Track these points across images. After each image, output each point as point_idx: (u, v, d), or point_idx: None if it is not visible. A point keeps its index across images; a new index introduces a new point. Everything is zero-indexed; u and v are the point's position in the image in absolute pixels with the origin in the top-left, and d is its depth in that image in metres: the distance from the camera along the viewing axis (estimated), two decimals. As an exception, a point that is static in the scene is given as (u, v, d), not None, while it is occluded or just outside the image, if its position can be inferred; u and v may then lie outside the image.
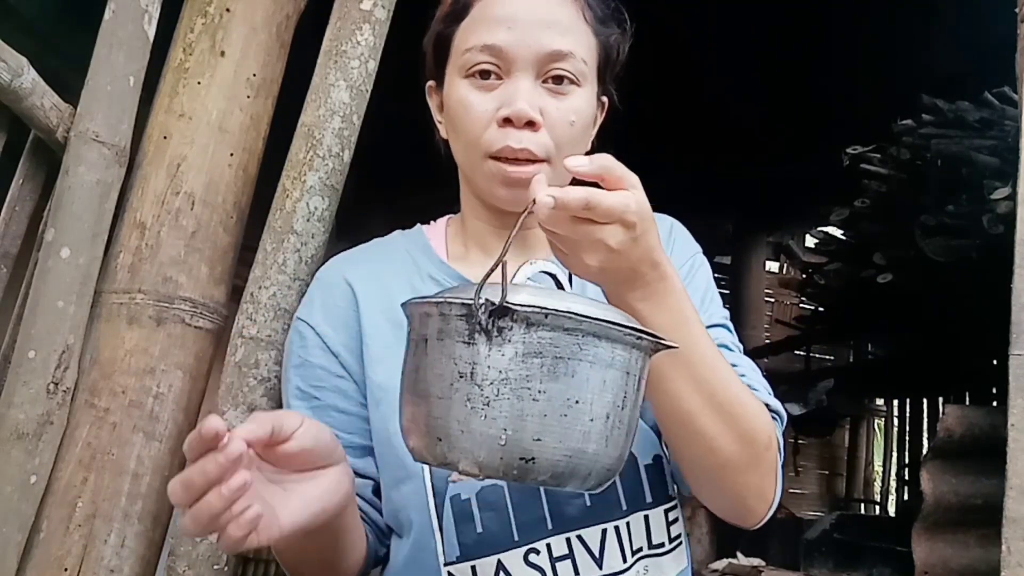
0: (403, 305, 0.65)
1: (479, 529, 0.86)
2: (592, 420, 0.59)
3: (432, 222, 1.05)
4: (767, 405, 0.84)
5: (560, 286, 0.71)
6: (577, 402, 0.59)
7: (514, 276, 0.67)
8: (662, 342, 0.62)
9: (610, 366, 0.60)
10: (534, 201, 0.63)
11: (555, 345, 0.59)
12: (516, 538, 0.86)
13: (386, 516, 0.93)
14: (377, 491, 0.94)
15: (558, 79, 0.86)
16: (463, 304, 0.59)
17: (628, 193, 0.66)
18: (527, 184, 0.84)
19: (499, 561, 0.86)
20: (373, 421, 0.91)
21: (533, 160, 0.85)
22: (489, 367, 0.59)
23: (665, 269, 0.72)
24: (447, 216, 1.05)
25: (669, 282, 0.72)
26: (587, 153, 0.94)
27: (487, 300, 0.59)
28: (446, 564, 0.86)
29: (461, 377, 0.59)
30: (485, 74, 0.86)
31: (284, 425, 0.70)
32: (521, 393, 0.59)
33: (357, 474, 0.91)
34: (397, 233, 1.04)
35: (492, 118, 0.85)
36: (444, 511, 0.86)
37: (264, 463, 0.71)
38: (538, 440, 0.59)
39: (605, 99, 0.96)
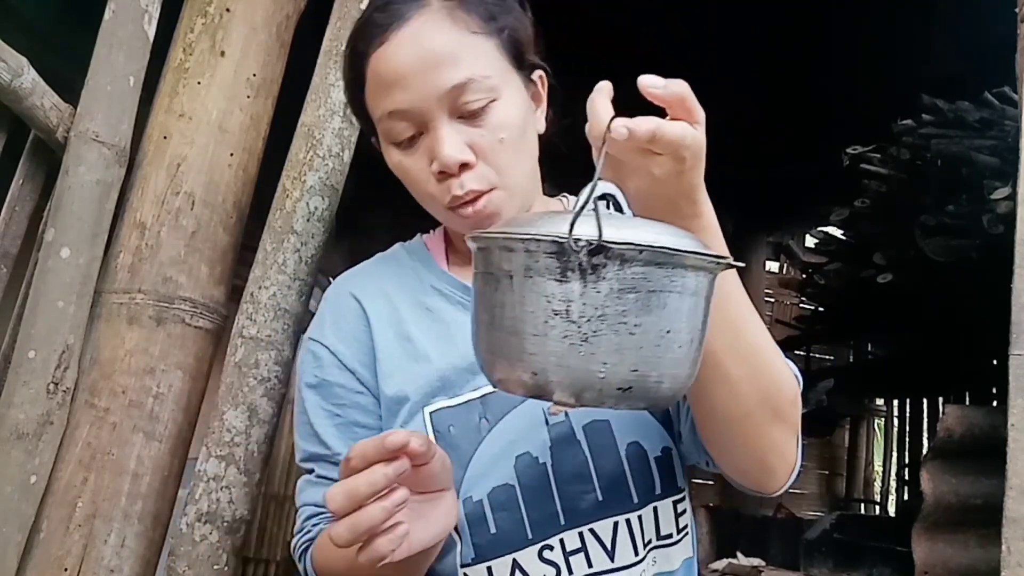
0: (473, 238, 0.64)
1: (493, 530, 0.86)
2: (681, 347, 0.62)
3: (432, 231, 1.04)
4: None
5: (619, 209, 0.70)
6: (669, 332, 0.61)
7: (581, 204, 0.67)
8: (732, 263, 0.63)
9: (694, 294, 0.62)
10: (608, 131, 0.62)
11: (648, 279, 0.60)
12: (530, 536, 0.86)
13: None
14: None
15: (473, 112, 0.84)
16: (554, 242, 0.60)
17: (687, 126, 0.65)
18: (488, 217, 0.85)
19: (514, 560, 0.86)
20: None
21: (481, 194, 0.85)
22: (585, 304, 0.60)
23: (701, 207, 0.71)
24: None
25: (703, 220, 0.72)
26: (540, 136, 0.93)
27: (586, 240, 0.59)
28: (462, 566, 0.87)
29: (556, 315, 0.60)
30: (410, 138, 0.86)
31: (431, 445, 0.71)
32: (618, 328, 0.60)
33: None
34: (398, 246, 1.03)
35: (430, 174, 0.85)
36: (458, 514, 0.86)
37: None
38: (635, 371, 0.61)
39: (539, 75, 0.93)
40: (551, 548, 0.86)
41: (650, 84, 0.64)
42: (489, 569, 0.86)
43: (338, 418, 0.93)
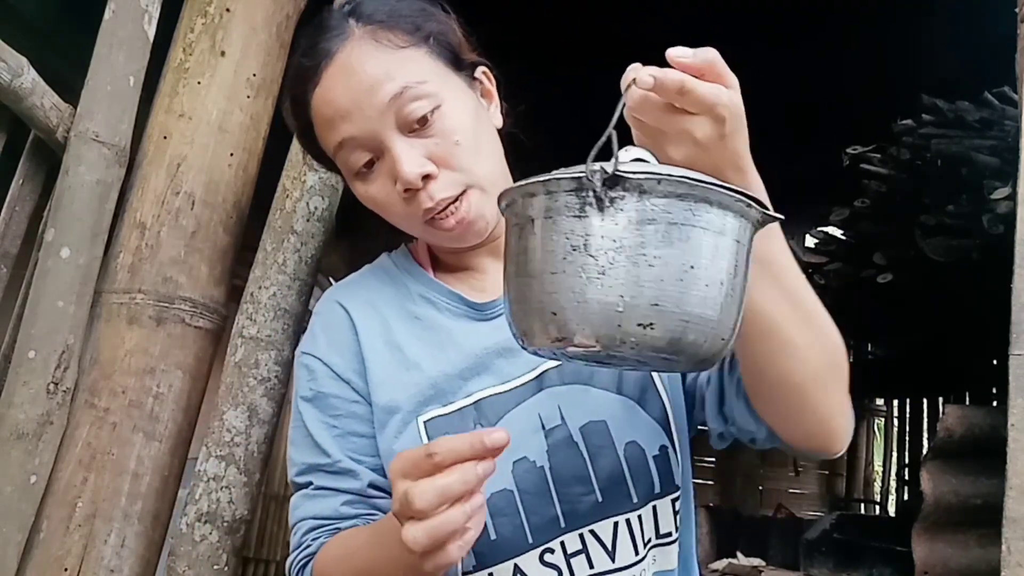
0: (502, 194, 0.64)
1: (493, 536, 0.86)
2: (708, 286, 0.60)
3: (416, 240, 1.03)
4: None
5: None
6: (692, 267, 0.59)
7: (603, 141, 0.67)
8: (768, 212, 0.62)
9: (721, 233, 0.60)
10: (633, 82, 0.62)
11: (668, 211, 0.59)
12: (531, 540, 0.86)
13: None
14: None
15: (420, 120, 0.84)
16: (572, 179, 0.59)
17: (720, 87, 0.65)
18: (467, 224, 0.86)
19: (515, 565, 0.86)
20: (381, 441, 0.91)
21: (455, 199, 0.85)
22: (603, 237, 0.59)
23: (750, 177, 0.71)
24: None
25: (754, 189, 0.71)
26: (500, 131, 0.93)
27: (601, 168, 0.58)
28: (464, 574, 0.86)
29: (574, 250, 0.59)
30: (367, 164, 0.87)
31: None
32: (637, 259, 0.59)
33: (387, 492, 0.91)
34: (384, 256, 1.03)
35: (398, 196, 0.86)
36: None
37: None
38: (655, 305, 0.59)
39: (482, 71, 0.94)
40: (552, 551, 0.86)
41: (678, 55, 0.63)
42: (491, 575, 0.86)
43: (335, 429, 0.93)
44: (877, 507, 6.58)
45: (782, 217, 0.64)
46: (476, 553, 0.86)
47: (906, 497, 5.59)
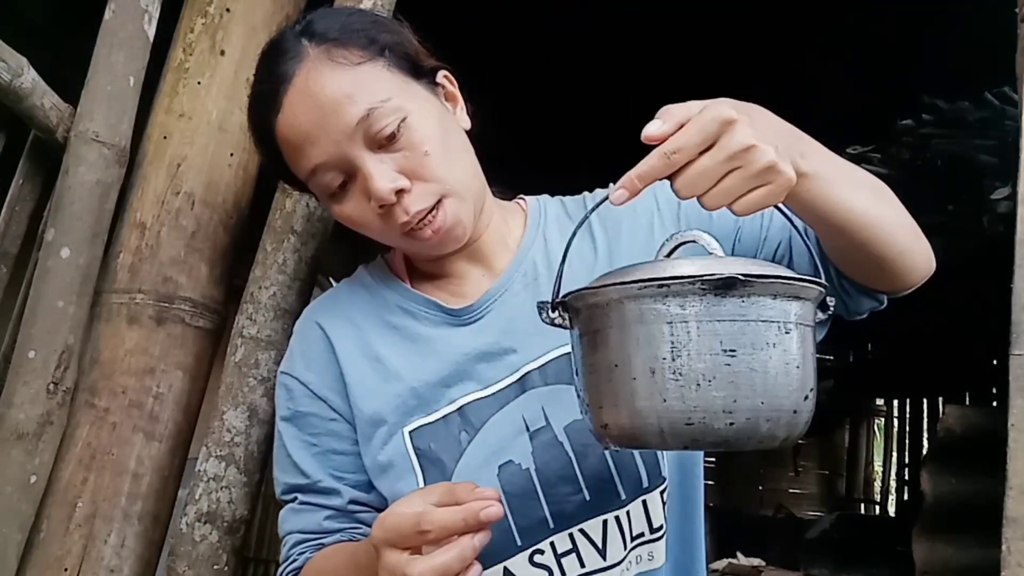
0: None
1: None
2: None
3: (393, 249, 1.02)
4: None
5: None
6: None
7: (661, 253, 0.69)
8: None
9: (640, 322, 0.61)
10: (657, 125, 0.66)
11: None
12: (519, 543, 0.86)
13: None
14: None
15: (388, 137, 0.83)
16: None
17: (695, 112, 0.66)
18: (447, 232, 0.86)
19: (505, 568, 0.86)
20: (367, 453, 0.92)
21: (431, 210, 0.85)
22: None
23: (793, 128, 0.76)
24: None
25: (798, 131, 0.77)
26: (468, 132, 0.93)
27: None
28: None
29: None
30: (341, 186, 0.86)
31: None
32: (585, 370, 0.63)
33: (370, 507, 0.92)
34: (361, 269, 1.02)
35: (374, 213, 0.85)
36: None
37: None
38: (600, 408, 0.63)
39: (443, 75, 0.93)
40: (541, 552, 0.86)
41: (648, 133, 0.66)
42: None
43: (315, 447, 0.93)
44: (877, 507, 6.58)
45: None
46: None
47: (906, 497, 5.59)
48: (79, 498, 1.08)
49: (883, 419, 7.13)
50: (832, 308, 0.69)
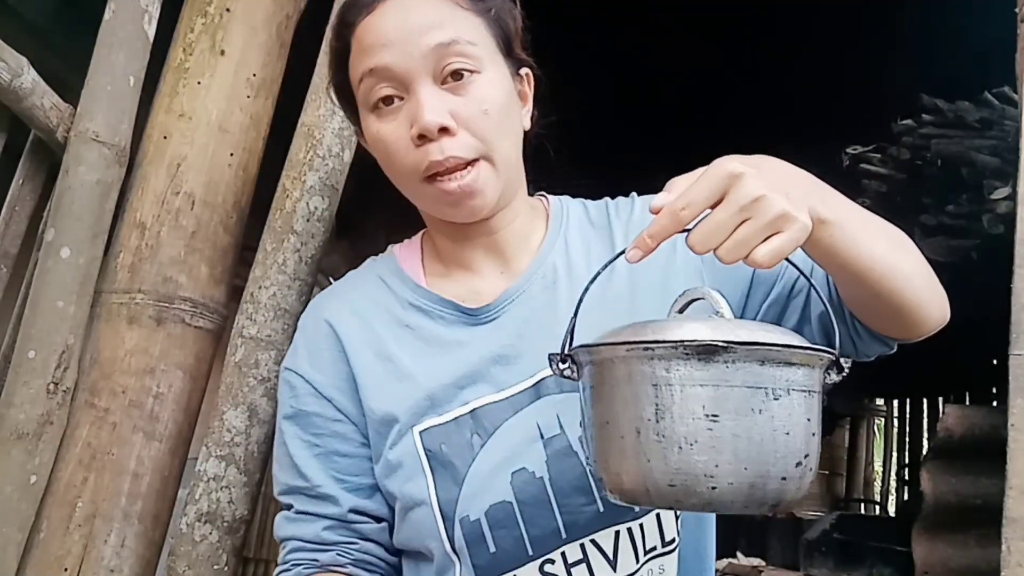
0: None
1: (492, 549, 0.85)
2: (623, 437, 0.63)
3: (408, 240, 1.02)
4: None
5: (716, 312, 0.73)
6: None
7: (678, 307, 0.72)
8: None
9: (628, 382, 0.63)
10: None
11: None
12: (531, 552, 0.85)
13: (402, 545, 0.93)
14: (391, 530, 0.93)
15: (455, 74, 0.83)
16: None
17: (700, 173, 0.67)
18: (470, 193, 0.83)
19: None
20: (380, 453, 0.90)
21: (465, 164, 0.83)
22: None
23: (805, 172, 0.76)
24: (423, 231, 1.01)
25: (817, 180, 0.77)
26: (526, 134, 0.92)
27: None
28: None
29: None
30: (387, 100, 0.84)
31: None
32: (584, 423, 0.66)
33: (370, 516, 0.91)
34: (370, 261, 1.01)
35: (409, 141, 0.83)
36: (455, 534, 0.85)
37: None
38: (595, 461, 0.65)
39: (526, 72, 0.93)
40: (552, 562, 0.85)
41: (656, 203, 0.67)
42: None
43: (317, 448, 0.91)
44: (877, 507, 6.58)
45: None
46: (475, 566, 0.85)
47: (906, 497, 5.59)
48: (79, 498, 1.08)
49: (883, 419, 7.13)
50: (847, 369, 0.69)
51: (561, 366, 0.69)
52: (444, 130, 0.81)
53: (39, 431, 1.04)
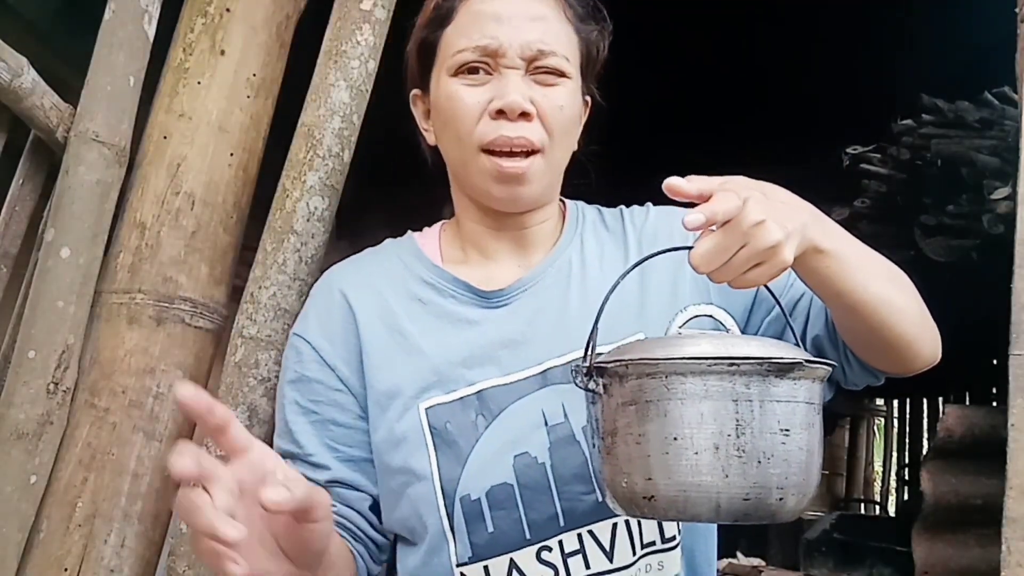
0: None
1: (490, 529, 0.86)
2: (697, 453, 0.62)
3: (425, 229, 1.04)
4: None
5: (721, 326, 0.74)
6: (675, 438, 0.63)
7: (674, 325, 0.72)
8: (768, 359, 0.64)
9: (705, 398, 0.63)
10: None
11: (641, 391, 0.64)
12: (528, 536, 0.86)
13: (393, 525, 0.93)
14: (375, 507, 0.93)
15: (545, 72, 0.88)
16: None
17: (716, 185, 0.69)
18: (521, 178, 0.87)
19: (511, 560, 0.86)
20: (379, 427, 0.91)
21: (529, 151, 0.87)
22: (598, 420, 0.66)
23: (807, 203, 0.77)
24: (440, 222, 1.05)
25: (818, 211, 0.78)
26: (575, 154, 0.96)
27: (579, 362, 0.67)
28: (458, 565, 0.86)
29: (593, 434, 0.71)
30: (474, 71, 0.88)
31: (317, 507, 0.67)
32: (626, 438, 0.64)
33: (355, 488, 0.92)
34: (388, 241, 1.03)
35: (484, 111, 0.87)
36: (455, 512, 0.86)
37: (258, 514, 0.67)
38: (649, 479, 0.63)
39: (588, 98, 0.99)
40: (549, 549, 0.86)
41: (675, 184, 0.69)
42: (486, 568, 0.86)
43: (314, 415, 0.92)
44: (877, 507, 6.58)
45: (800, 360, 0.65)
46: (472, 544, 0.86)
47: (906, 497, 5.59)
48: (79, 498, 1.08)
49: (883, 419, 7.13)
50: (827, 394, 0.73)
51: (585, 379, 0.69)
52: (523, 115, 0.86)
53: (39, 431, 1.04)
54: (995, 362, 3.36)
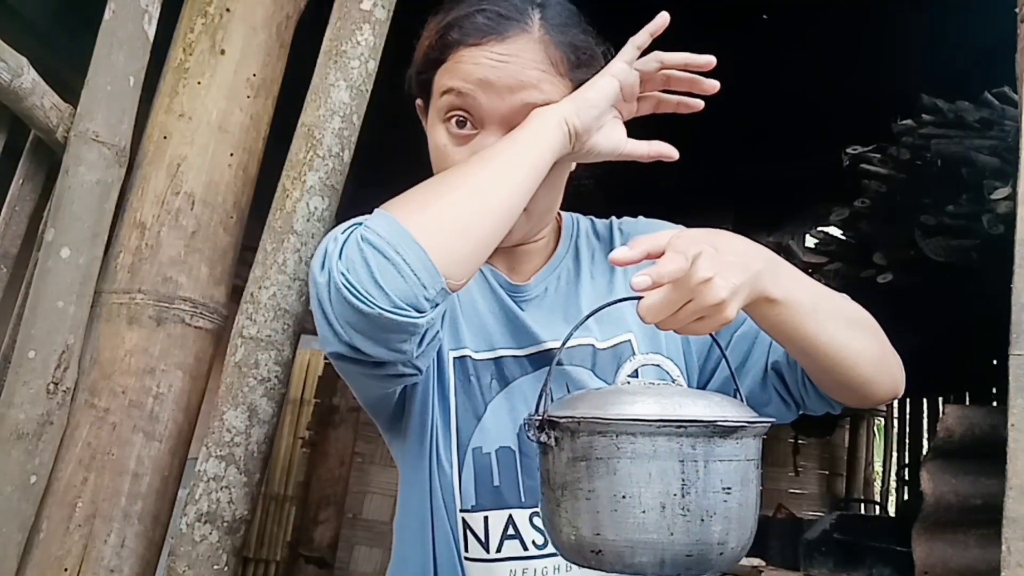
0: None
1: (496, 483, 0.91)
2: (644, 512, 0.65)
3: None
4: None
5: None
6: (624, 496, 0.65)
7: (623, 373, 0.75)
8: (715, 423, 0.65)
9: (653, 458, 0.64)
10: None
11: (592, 447, 0.66)
12: (523, 499, 0.91)
13: (409, 454, 0.97)
14: None
15: None
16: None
17: (663, 243, 0.73)
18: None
19: (510, 516, 0.91)
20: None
21: None
22: (550, 472, 0.69)
23: (764, 251, 0.78)
24: None
25: (774, 258, 0.79)
26: (573, 174, 1.00)
27: (532, 417, 0.70)
28: (461, 511, 0.92)
29: (542, 483, 0.75)
30: (461, 123, 0.90)
31: None
32: (576, 493, 0.67)
33: None
34: None
35: None
36: (465, 459, 0.91)
37: None
38: (597, 534, 0.66)
39: None
40: (539, 515, 0.90)
41: (617, 256, 0.74)
42: (486, 519, 0.91)
43: None
44: (877, 507, 6.57)
45: (747, 423, 0.67)
46: (477, 494, 0.92)
47: (906, 497, 5.58)
48: (79, 498, 1.07)
49: (883, 419, 7.12)
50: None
51: (538, 433, 0.70)
52: None
53: (39, 431, 1.04)
54: (995, 362, 3.35)
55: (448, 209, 0.78)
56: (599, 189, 1.06)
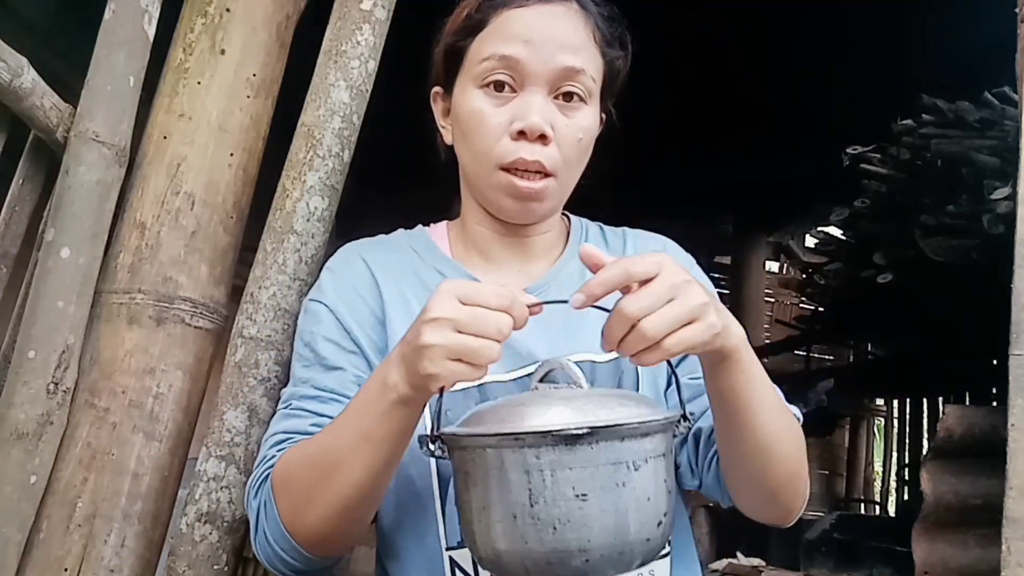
0: (444, 435, 0.71)
1: None
2: (500, 521, 0.67)
3: (432, 224, 1.07)
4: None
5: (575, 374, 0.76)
6: (484, 508, 0.68)
7: (539, 376, 0.77)
8: (560, 432, 0.65)
9: (501, 469, 0.66)
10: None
11: (480, 461, 0.67)
12: None
13: (387, 504, 0.94)
14: None
15: (568, 95, 0.90)
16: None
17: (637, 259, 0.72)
18: (535, 197, 0.90)
19: None
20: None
21: (543, 173, 0.89)
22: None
23: (733, 330, 0.75)
24: (444, 221, 1.08)
25: (743, 351, 0.77)
26: (587, 167, 0.98)
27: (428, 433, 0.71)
28: (447, 549, 0.88)
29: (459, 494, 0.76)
30: (499, 86, 0.89)
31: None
32: (458, 504, 0.71)
33: None
34: (400, 231, 1.06)
35: (505, 130, 0.89)
36: (448, 496, 0.88)
37: None
38: (474, 543, 0.71)
39: (604, 116, 1.01)
40: None
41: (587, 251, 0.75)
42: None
43: (321, 368, 0.94)
44: (877, 507, 6.58)
45: (584, 430, 0.66)
46: (462, 531, 0.89)
47: (906, 497, 5.59)
48: (79, 498, 1.07)
49: (883, 419, 7.13)
50: (689, 425, 0.73)
51: (431, 447, 0.71)
52: (542, 137, 0.88)
53: (39, 431, 1.04)
54: (995, 362, 3.35)
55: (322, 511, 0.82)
56: (605, 190, 1.06)
